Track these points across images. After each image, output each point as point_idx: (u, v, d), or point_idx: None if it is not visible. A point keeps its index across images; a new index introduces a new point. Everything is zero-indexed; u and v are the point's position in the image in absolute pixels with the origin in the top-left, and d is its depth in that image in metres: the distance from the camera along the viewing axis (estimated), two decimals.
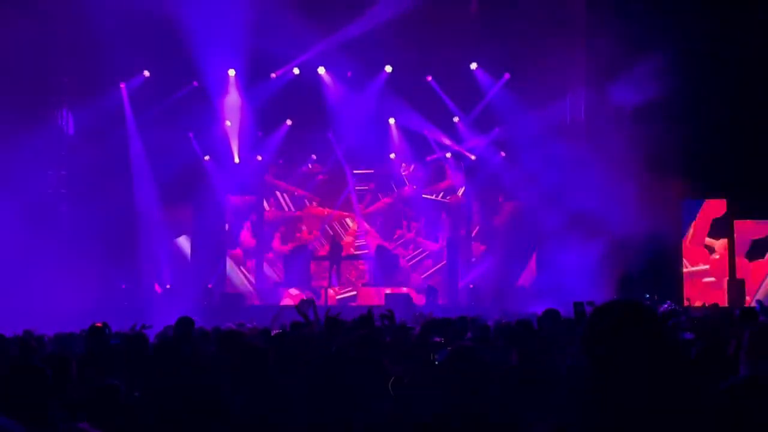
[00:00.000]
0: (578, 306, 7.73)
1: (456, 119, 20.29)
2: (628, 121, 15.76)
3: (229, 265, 21.34)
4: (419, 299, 18.90)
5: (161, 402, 4.19)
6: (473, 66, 19.52)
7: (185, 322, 6.88)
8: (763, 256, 17.50)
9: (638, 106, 15.80)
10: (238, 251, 21.70)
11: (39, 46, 17.09)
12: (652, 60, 15.81)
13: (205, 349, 6.66)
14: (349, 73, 19.56)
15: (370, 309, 7.26)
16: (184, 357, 5.57)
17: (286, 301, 18.89)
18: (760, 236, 17.54)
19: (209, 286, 20.07)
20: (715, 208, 17.62)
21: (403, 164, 21.57)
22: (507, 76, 19.39)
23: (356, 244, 21.93)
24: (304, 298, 8.37)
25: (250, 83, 19.62)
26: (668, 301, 13.26)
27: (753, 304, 14.66)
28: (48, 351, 7.25)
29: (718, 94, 15.44)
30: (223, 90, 19.68)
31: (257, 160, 21.15)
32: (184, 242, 20.63)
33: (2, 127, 15.14)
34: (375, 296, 19.94)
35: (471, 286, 19.76)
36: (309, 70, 19.65)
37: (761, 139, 16.13)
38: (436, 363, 4.44)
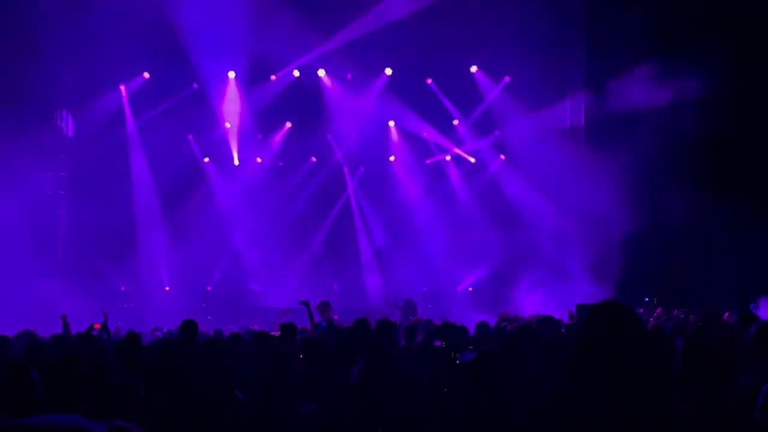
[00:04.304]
0: (581, 309, 7.73)
1: (456, 122, 20.29)
2: (627, 125, 15.75)
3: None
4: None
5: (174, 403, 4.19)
6: (473, 69, 19.52)
7: (189, 326, 6.88)
8: None
9: (637, 111, 15.80)
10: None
11: (39, 47, 17.06)
12: (651, 64, 15.83)
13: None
14: (349, 76, 19.57)
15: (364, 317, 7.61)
16: (188, 360, 5.57)
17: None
18: None
19: (208, 288, 20.03)
20: None
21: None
22: (507, 79, 19.39)
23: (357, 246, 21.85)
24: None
25: (249, 85, 19.60)
26: (659, 308, 13.23)
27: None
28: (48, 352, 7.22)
29: (719, 97, 15.42)
30: (223, 92, 19.66)
31: (257, 162, 21.11)
32: None
33: (2, 128, 15.11)
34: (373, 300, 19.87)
35: (470, 289, 19.72)
36: (309, 73, 19.65)
37: (763, 144, 16.10)
38: (458, 363, 4.49)
